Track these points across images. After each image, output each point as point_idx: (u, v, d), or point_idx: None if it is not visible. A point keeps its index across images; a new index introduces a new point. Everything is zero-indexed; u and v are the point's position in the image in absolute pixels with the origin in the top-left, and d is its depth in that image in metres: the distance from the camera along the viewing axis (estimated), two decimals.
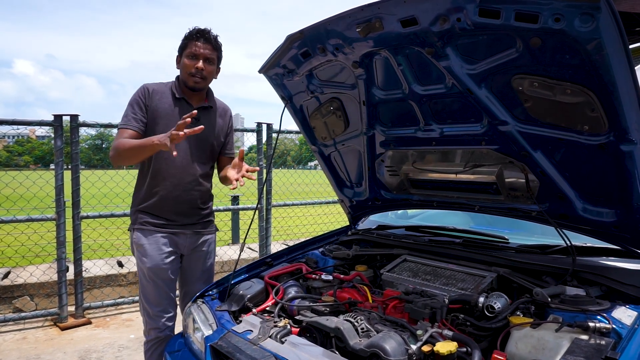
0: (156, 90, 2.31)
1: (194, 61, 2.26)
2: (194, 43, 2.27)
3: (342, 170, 2.59)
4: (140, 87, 2.33)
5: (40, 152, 25.69)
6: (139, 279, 2.35)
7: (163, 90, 2.33)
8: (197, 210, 2.42)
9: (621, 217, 1.66)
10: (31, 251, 5.28)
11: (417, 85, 1.85)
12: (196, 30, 2.29)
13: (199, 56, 2.26)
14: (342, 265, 2.34)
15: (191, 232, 2.41)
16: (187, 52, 2.28)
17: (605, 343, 1.29)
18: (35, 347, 3.66)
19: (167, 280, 2.32)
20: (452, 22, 1.47)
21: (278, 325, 1.71)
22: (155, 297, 2.30)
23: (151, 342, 2.34)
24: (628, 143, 1.44)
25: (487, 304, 1.60)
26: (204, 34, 2.28)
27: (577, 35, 1.29)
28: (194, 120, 2.18)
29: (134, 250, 2.38)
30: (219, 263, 5.23)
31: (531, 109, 1.61)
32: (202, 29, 2.29)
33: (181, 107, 2.31)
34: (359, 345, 1.47)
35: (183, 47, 2.31)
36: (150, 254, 2.28)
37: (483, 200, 2.07)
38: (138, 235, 2.31)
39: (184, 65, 2.29)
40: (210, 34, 2.30)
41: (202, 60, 2.27)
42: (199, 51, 2.26)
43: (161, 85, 2.35)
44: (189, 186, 2.34)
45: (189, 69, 2.27)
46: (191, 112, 1.97)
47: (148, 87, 2.32)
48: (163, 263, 2.29)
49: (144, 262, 2.29)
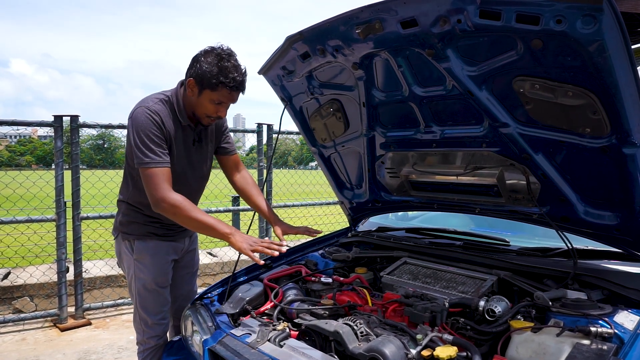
0: (164, 114, 2.03)
1: (218, 107, 2.01)
2: (228, 93, 1.97)
3: (342, 172, 2.58)
4: (146, 112, 1.99)
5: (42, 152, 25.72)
6: (136, 289, 2.22)
7: (166, 111, 2.06)
8: None
9: (623, 220, 1.64)
10: (31, 252, 5.29)
11: (418, 87, 1.84)
12: (234, 79, 1.94)
13: (227, 104, 2.03)
14: (341, 268, 2.32)
15: (186, 235, 2.39)
16: (214, 97, 1.97)
17: (607, 348, 1.27)
18: (35, 348, 3.65)
19: (167, 287, 2.29)
20: (453, 24, 1.46)
21: (277, 329, 1.70)
22: (155, 306, 2.24)
23: (149, 350, 2.27)
24: (630, 146, 1.43)
25: (488, 308, 1.59)
26: (240, 86, 1.98)
27: (579, 37, 1.27)
28: (195, 142, 2.16)
29: (126, 259, 2.25)
30: (219, 264, 5.22)
31: (532, 111, 1.60)
32: (240, 79, 1.97)
33: (185, 131, 2.13)
34: (358, 350, 1.45)
35: (211, 86, 1.95)
36: (155, 264, 2.19)
37: (484, 202, 2.05)
38: (139, 245, 2.20)
39: (205, 106, 2.01)
40: (244, 84, 2.00)
41: (226, 106, 2.04)
42: (229, 101, 2.01)
43: (162, 105, 2.06)
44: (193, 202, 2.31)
45: (210, 113, 2.03)
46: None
47: (157, 111, 2.01)
48: (166, 271, 2.25)
49: (146, 274, 2.19)
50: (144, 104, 2.03)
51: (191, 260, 2.48)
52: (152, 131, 1.97)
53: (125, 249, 2.25)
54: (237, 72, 1.95)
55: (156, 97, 2.08)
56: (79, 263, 4.17)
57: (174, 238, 2.29)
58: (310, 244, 2.68)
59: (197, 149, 2.20)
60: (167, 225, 2.24)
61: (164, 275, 2.25)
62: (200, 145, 2.21)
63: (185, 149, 2.14)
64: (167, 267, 2.26)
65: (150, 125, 1.97)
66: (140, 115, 1.98)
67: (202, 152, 2.24)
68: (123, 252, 2.27)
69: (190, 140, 2.15)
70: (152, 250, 2.20)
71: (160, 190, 1.94)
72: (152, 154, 1.95)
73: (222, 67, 1.92)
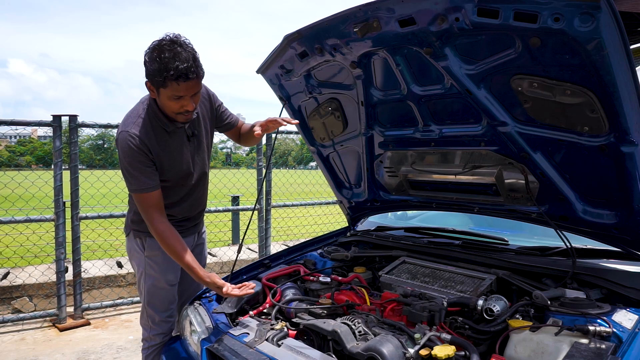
0: (145, 134, 1.98)
1: (179, 102, 1.87)
2: (177, 85, 1.80)
3: (341, 171, 2.57)
4: (127, 140, 1.93)
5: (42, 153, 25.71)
6: (145, 286, 2.23)
7: (148, 127, 1.99)
8: (202, 212, 2.41)
9: (622, 219, 1.64)
10: (30, 252, 5.28)
11: (416, 86, 1.83)
12: (176, 69, 1.75)
13: (185, 97, 1.86)
14: (340, 267, 2.32)
15: (196, 231, 2.40)
16: (169, 93, 1.83)
17: (605, 347, 1.27)
18: (34, 348, 3.65)
19: (176, 285, 2.29)
20: (451, 22, 1.45)
21: (275, 328, 1.69)
22: (163, 303, 2.25)
23: (154, 347, 2.27)
24: (629, 144, 1.43)
25: (486, 307, 1.58)
26: (186, 73, 1.77)
27: (577, 35, 1.27)
28: (190, 137, 2.13)
29: (137, 257, 2.25)
30: (218, 264, 5.22)
31: (531, 109, 1.59)
32: (182, 66, 1.76)
33: (174, 133, 2.07)
34: (356, 349, 1.45)
35: (160, 84, 1.81)
36: (167, 261, 2.18)
37: (482, 201, 2.05)
38: (152, 243, 2.16)
39: (168, 105, 1.90)
40: (191, 69, 1.79)
41: (190, 98, 1.87)
42: (185, 93, 1.84)
43: (142, 123, 1.98)
44: (199, 201, 2.31)
45: (176, 110, 1.91)
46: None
47: (137, 134, 1.95)
48: (176, 269, 2.25)
49: (157, 271, 2.19)
50: (125, 127, 1.99)
51: (199, 254, 2.47)
52: (135, 158, 1.96)
53: (136, 246, 2.25)
54: (179, 60, 1.76)
55: (135, 113, 2.02)
56: (77, 263, 4.16)
57: (184, 234, 2.28)
58: (309, 243, 2.68)
59: (194, 143, 2.17)
60: (179, 221, 2.24)
61: (174, 272, 2.26)
62: (195, 138, 2.16)
63: (183, 149, 2.12)
64: (177, 265, 2.25)
65: (132, 153, 1.96)
66: (123, 142, 1.97)
67: (199, 147, 2.22)
68: (134, 249, 2.27)
69: (185, 137, 2.12)
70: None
71: (148, 216, 2.02)
72: (137, 182, 1.98)
73: (162, 60, 1.76)
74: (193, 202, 2.27)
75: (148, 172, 1.99)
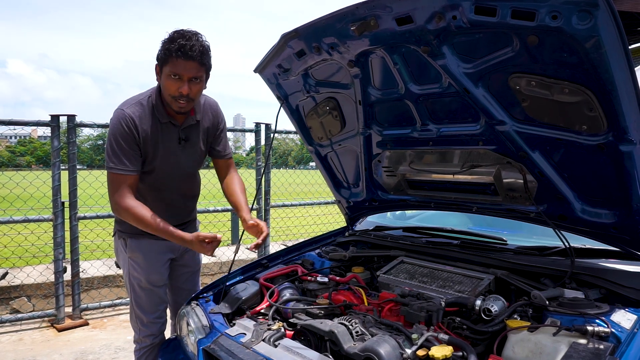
0: (139, 116, 2.01)
1: (177, 83, 1.91)
2: (175, 60, 1.87)
3: (339, 171, 2.56)
4: (120, 117, 1.98)
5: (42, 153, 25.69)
6: (131, 287, 2.24)
7: (144, 112, 2.02)
8: (190, 211, 2.40)
9: (620, 218, 1.63)
10: (28, 252, 5.27)
11: (414, 85, 1.82)
12: (178, 43, 1.85)
13: (183, 77, 1.90)
14: (338, 267, 2.31)
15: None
16: (168, 71, 1.90)
17: (604, 347, 1.26)
18: (32, 348, 3.64)
19: (163, 286, 2.28)
20: (448, 20, 1.44)
21: (272, 328, 1.68)
22: (150, 305, 2.24)
23: (145, 349, 2.27)
24: (627, 143, 1.42)
25: (484, 307, 1.57)
26: (186, 50, 1.85)
27: (575, 33, 1.26)
28: (181, 140, 2.12)
29: (122, 257, 2.26)
30: (217, 264, 5.21)
31: (529, 108, 1.58)
32: (184, 43, 1.86)
33: (167, 129, 2.08)
34: (353, 349, 1.44)
35: (163, 60, 1.91)
36: (148, 263, 2.19)
37: (481, 201, 2.04)
38: (132, 244, 2.19)
39: (166, 85, 1.94)
40: (194, 49, 1.87)
41: (187, 82, 1.92)
42: (182, 72, 1.89)
43: (140, 107, 2.03)
44: (182, 200, 2.29)
45: (172, 92, 1.94)
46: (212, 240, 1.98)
47: (131, 115, 1.99)
48: (160, 270, 2.24)
49: (140, 272, 2.19)
50: (123, 106, 2.04)
51: (191, 259, 2.46)
52: (122, 137, 1.98)
53: (120, 247, 2.26)
54: (184, 38, 1.87)
55: (138, 98, 2.08)
56: (76, 263, 4.16)
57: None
58: (307, 243, 2.67)
59: (184, 148, 2.16)
60: None
61: (158, 274, 2.24)
62: (187, 144, 2.16)
63: (170, 148, 2.11)
64: (160, 266, 2.24)
65: (121, 132, 1.98)
66: (115, 119, 2.01)
67: (191, 152, 2.20)
68: (119, 249, 2.28)
69: (176, 139, 2.12)
70: (145, 248, 2.20)
71: (117, 195, 2.01)
72: (117, 161, 1.99)
73: (172, 38, 1.89)
74: (172, 210, 2.22)
75: (130, 155, 2.01)
